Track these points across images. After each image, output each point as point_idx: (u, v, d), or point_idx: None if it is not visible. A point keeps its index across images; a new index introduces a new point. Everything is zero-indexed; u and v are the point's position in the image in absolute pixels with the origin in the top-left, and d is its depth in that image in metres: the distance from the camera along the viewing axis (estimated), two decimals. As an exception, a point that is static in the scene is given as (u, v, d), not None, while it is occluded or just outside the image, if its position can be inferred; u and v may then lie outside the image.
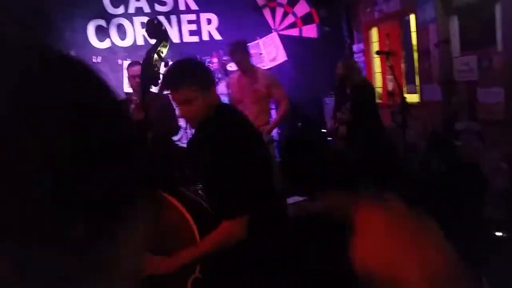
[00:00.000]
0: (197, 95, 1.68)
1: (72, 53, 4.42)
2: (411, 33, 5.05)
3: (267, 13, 6.11)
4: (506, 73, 3.61)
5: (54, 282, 0.28)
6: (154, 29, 1.91)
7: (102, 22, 5.53)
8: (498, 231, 3.31)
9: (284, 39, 6.13)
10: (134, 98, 3.46)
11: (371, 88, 4.77)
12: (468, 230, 3.15)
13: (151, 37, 1.93)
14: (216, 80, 5.89)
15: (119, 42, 5.62)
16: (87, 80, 0.34)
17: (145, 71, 1.91)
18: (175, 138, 4.35)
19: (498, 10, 3.66)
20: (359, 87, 4.55)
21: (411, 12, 4.96)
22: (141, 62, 1.99)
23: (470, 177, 3.32)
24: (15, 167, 0.27)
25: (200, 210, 1.84)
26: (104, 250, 0.30)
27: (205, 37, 5.94)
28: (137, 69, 3.53)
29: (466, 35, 4.16)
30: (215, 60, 5.96)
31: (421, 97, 4.93)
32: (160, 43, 1.88)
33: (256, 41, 6.06)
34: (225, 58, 5.99)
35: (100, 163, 0.30)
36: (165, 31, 1.96)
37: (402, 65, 5.28)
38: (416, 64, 4.99)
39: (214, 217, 1.73)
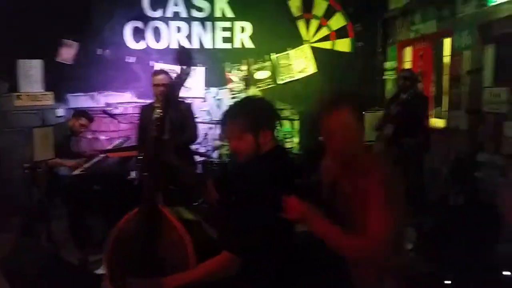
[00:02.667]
0: (246, 134, 1.77)
1: (107, 51, 4.60)
2: (444, 57, 4.93)
3: (301, 24, 6.12)
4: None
5: None
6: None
7: (139, 24, 5.71)
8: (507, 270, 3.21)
9: (316, 51, 6.12)
10: (157, 105, 3.55)
11: (426, 101, 4.81)
12: (477, 269, 3.08)
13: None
14: (242, 88, 5.98)
15: (154, 45, 5.78)
16: None
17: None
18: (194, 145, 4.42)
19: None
20: (418, 97, 4.66)
21: (448, 36, 4.86)
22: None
23: (486, 215, 3.24)
24: None
25: (199, 232, 1.92)
26: None
27: (237, 44, 6.02)
28: (162, 77, 3.62)
29: (500, 66, 4.04)
30: (244, 67, 6.03)
31: (448, 123, 4.82)
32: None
33: (287, 52, 6.08)
34: (254, 66, 6.07)
35: None
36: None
37: (431, 88, 5.17)
38: (445, 88, 4.88)
39: (215, 241, 1.80)
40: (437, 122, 5.10)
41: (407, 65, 5.85)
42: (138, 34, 5.73)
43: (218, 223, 2.02)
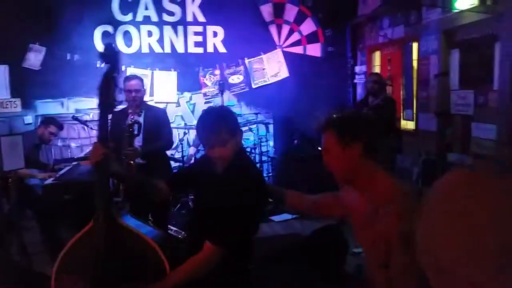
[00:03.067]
0: (230, 141, 1.87)
1: (77, 57, 4.49)
2: (413, 60, 5.11)
3: (273, 29, 6.18)
4: (500, 112, 3.66)
5: None
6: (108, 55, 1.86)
7: (109, 28, 5.60)
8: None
9: (288, 56, 6.20)
10: (130, 111, 3.50)
11: (395, 104, 4.88)
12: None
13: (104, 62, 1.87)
14: (216, 93, 5.98)
15: (124, 49, 5.69)
16: None
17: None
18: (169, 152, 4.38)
19: (497, 49, 3.72)
20: (388, 101, 4.70)
21: (415, 40, 5.03)
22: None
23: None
24: None
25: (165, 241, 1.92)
26: None
27: (210, 49, 6.01)
28: (134, 83, 3.57)
29: (465, 70, 4.22)
30: (217, 72, 6.03)
31: (417, 125, 4.98)
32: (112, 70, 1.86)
33: (260, 56, 6.12)
34: (228, 70, 6.07)
35: None
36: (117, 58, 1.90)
37: (401, 92, 5.33)
38: (414, 92, 5.05)
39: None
40: (407, 125, 5.26)
41: (377, 69, 6.02)
42: (108, 38, 5.62)
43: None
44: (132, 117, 3.46)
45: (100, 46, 5.57)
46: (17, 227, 3.63)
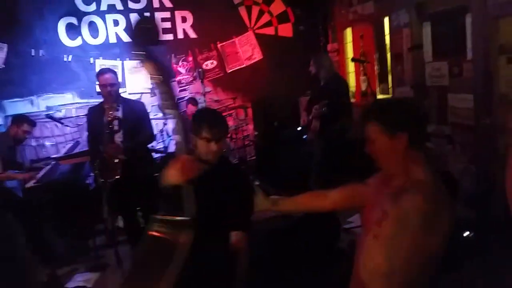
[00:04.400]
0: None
1: (42, 52, 4.32)
2: (385, 35, 5.16)
3: (243, 11, 6.09)
4: (475, 81, 3.77)
5: None
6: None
7: (73, 20, 5.37)
8: (466, 230, 3.48)
9: (260, 38, 6.14)
10: (107, 107, 3.38)
11: (342, 83, 4.85)
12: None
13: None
14: (190, 80, 5.88)
15: (91, 40, 5.48)
16: None
17: None
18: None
19: (468, 19, 3.79)
20: (330, 82, 4.66)
21: (385, 15, 5.06)
22: None
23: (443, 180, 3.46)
24: None
25: None
26: None
27: (180, 35, 5.87)
28: (108, 77, 3.45)
29: (438, 42, 4.29)
30: (190, 58, 5.91)
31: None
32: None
33: (232, 40, 6.04)
34: (200, 56, 5.97)
35: None
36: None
37: (376, 67, 5.40)
38: (389, 66, 5.12)
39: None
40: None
41: (349, 46, 6.06)
42: (73, 30, 5.39)
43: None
44: (110, 112, 3.36)
45: (65, 39, 5.35)
46: None
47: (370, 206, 1.62)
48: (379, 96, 5.41)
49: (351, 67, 6.08)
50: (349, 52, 6.09)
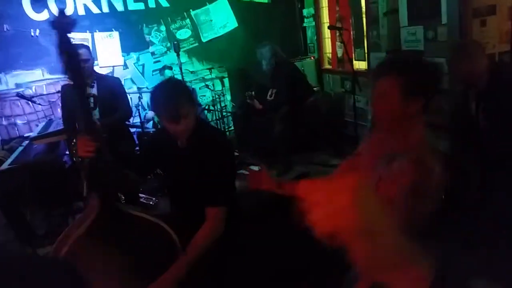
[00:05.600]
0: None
1: (7, 27, 4.12)
2: (361, 0, 5.10)
3: (215, -23, 5.90)
4: (449, 45, 3.78)
5: None
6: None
7: (37, -9, 5.11)
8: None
9: (235, 5, 5.98)
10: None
11: (289, 70, 4.90)
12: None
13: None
14: (164, 51, 5.74)
15: (59, 13, 5.23)
16: None
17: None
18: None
19: (442, -18, 3.77)
20: (276, 72, 4.80)
21: (360, -22, 4.99)
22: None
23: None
24: None
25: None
26: None
27: (152, 4, 5.67)
28: (82, 52, 3.32)
29: (413, 6, 4.27)
30: (163, 28, 5.74)
31: (369, 64, 5.07)
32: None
33: (206, 7, 5.87)
34: (173, 26, 5.80)
35: None
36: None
37: (351, 32, 5.36)
38: (364, 31, 5.09)
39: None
40: (359, 65, 5.35)
41: (324, 10, 5.97)
42: (38, 3, 5.13)
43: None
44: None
45: (31, 13, 5.10)
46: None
47: (368, 171, 1.57)
48: (355, 63, 5.40)
49: (327, 33, 6.02)
50: (325, 17, 6.01)
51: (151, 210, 3.93)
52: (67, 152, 4.02)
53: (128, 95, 3.97)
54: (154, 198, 4.13)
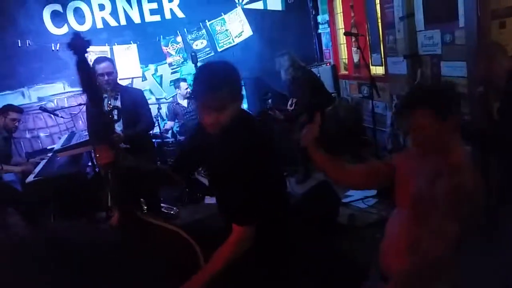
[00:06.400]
0: (230, 104, 1.66)
1: (29, 42, 4.24)
2: (376, 5, 5.08)
3: (230, -13, 5.97)
4: (468, 48, 3.74)
5: None
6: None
7: (57, 7, 5.24)
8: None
9: (249, 13, 6.04)
10: (105, 96, 3.35)
11: (310, 79, 4.89)
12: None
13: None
14: (182, 60, 5.81)
15: (78, 27, 5.37)
16: None
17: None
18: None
19: (459, -15, 3.74)
20: (295, 81, 4.79)
21: (375, -16, 4.98)
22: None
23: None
24: None
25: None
26: None
27: (168, 15, 5.76)
28: (105, 65, 3.40)
29: (429, 9, 4.24)
30: (179, 39, 5.83)
31: (386, 69, 5.05)
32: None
33: (221, 17, 5.94)
34: (190, 36, 5.88)
35: None
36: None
37: (367, 37, 5.34)
38: (381, 36, 5.07)
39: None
40: (376, 70, 5.32)
41: (339, 16, 5.97)
42: (59, 18, 5.28)
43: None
44: (109, 102, 3.34)
45: (51, 27, 5.23)
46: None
47: (403, 185, 1.66)
48: (372, 68, 5.38)
49: (342, 38, 6.02)
50: (340, 23, 6.01)
51: (172, 220, 3.97)
52: (89, 164, 4.10)
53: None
54: (175, 208, 4.17)
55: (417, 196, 1.53)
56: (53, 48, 5.23)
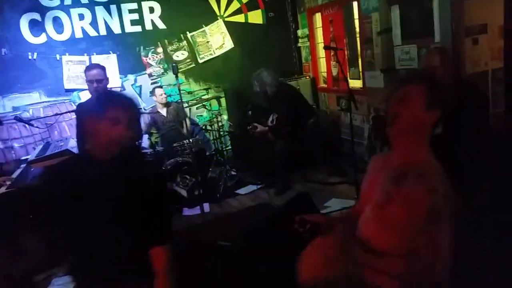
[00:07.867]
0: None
1: (5, 51, 4.16)
2: (354, 20, 5.19)
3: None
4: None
5: None
6: None
7: (36, 16, 5.17)
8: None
9: (231, 26, 6.08)
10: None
11: (290, 93, 4.98)
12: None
13: None
14: (162, 72, 5.79)
15: (56, 36, 5.29)
16: None
17: None
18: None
19: (435, 2, 3.86)
20: (276, 95, 4.83)
21: (354, 0, 5.09)
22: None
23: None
24: None
25: None
26: None
27: (148, 26, 5.74)
28: (96, 72, 3.37)
29: (407, 25, 4.35)
30: (160, 50, 5.81)
31: (364, 83, 5.13)
32: None
33: (202, 29, 5.95)
34: (171, 47, 5.86)
35: None
36: None
37: (346, 52, 5.44)
38: (359, 51, 5.16)
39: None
40: (354, 83, 5.41)
41: (319, 31, 6.06)
42: (37, 27, 5.19)
43: None
44: None
45: (29, 36, 5.14)
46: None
47: (371, 183, 1.67)
48: (350, 81, 5.46)
49: (321, 52, 6.10)
50: (319, 37, 6.11)
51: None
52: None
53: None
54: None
55: (384, 196, 1.49)
56: (30, 57, 5.14)
